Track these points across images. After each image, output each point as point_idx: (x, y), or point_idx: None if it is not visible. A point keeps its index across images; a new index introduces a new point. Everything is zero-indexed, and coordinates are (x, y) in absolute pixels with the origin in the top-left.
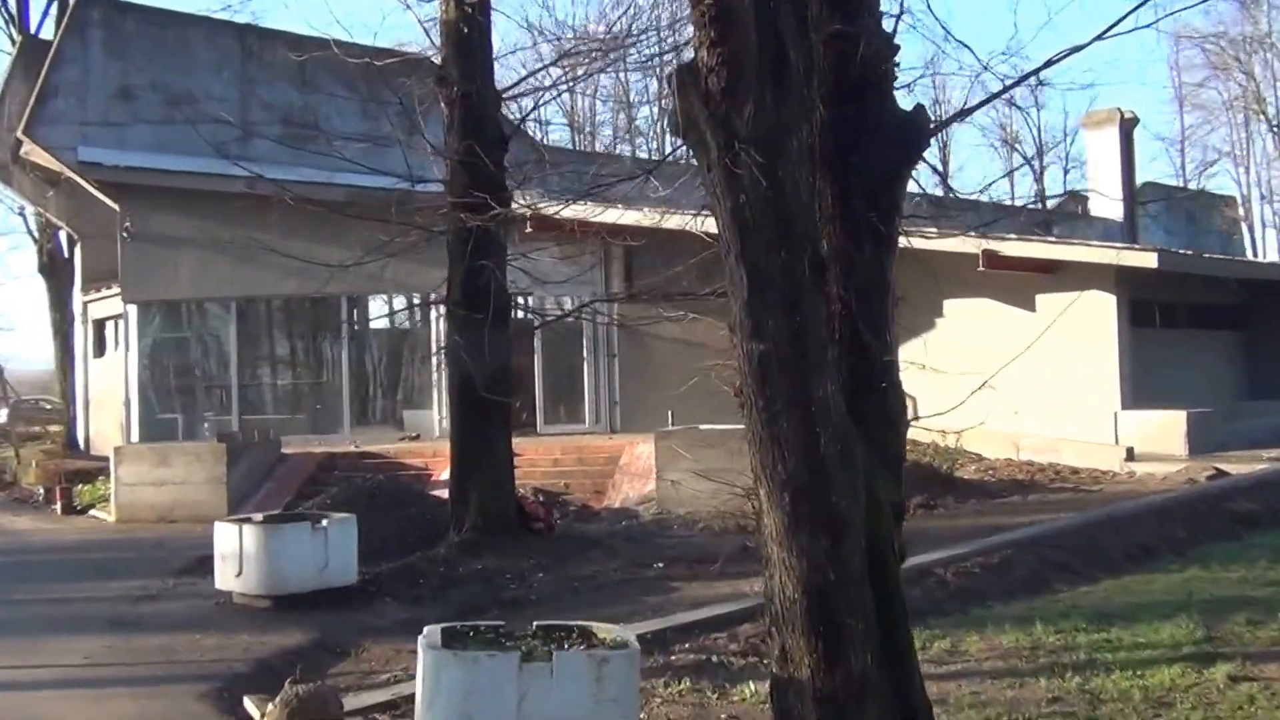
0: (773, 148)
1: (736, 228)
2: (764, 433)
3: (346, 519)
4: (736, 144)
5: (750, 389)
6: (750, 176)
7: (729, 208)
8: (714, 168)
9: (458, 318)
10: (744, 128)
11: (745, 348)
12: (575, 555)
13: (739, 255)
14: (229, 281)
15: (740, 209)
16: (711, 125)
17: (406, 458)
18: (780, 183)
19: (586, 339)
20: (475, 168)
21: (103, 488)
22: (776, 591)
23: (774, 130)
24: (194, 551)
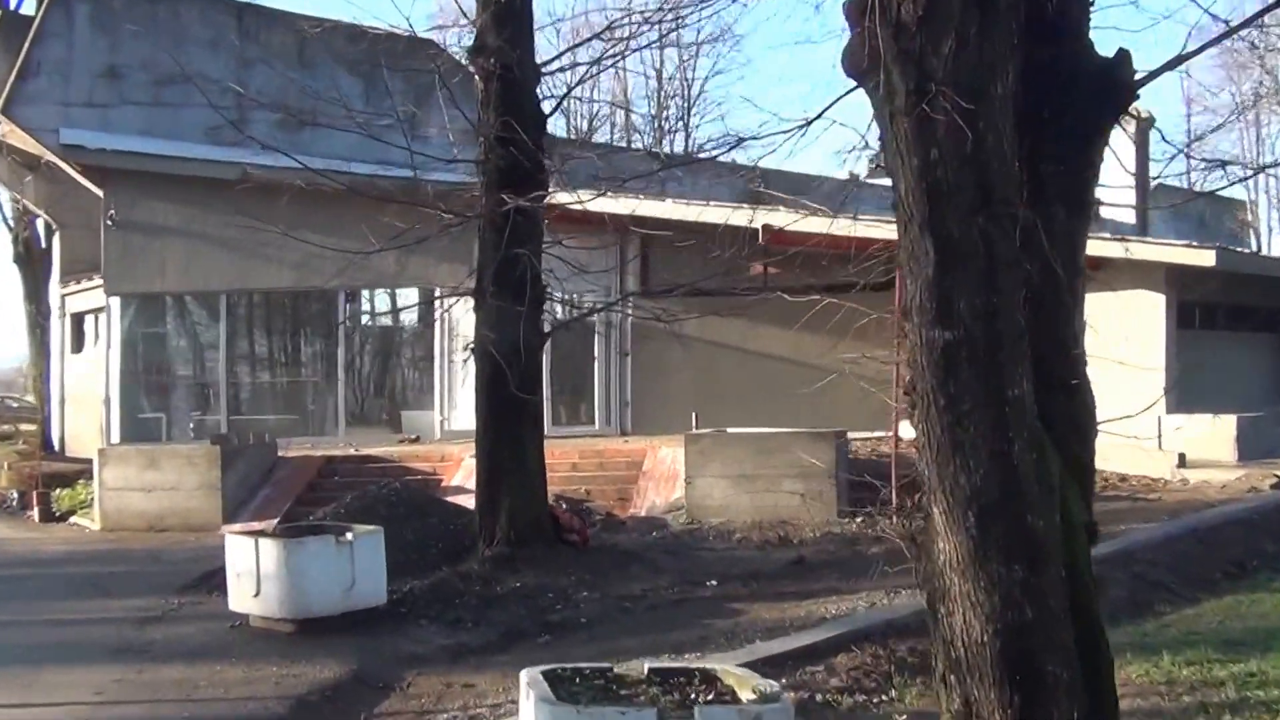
0: (975, 92)
1: (925, 188)
2: (944, 438)
3: (374, 532)
4: (932, 86)
5: (929, 385)
6: (947, 127)
7: (916, 165)
8: (899, 115)
9: (489, 310)
10: (941, 67)
11: (926, 335)
12: (616, 570)
13: (925, 223)
14: (218, 274)
15: (931, 166)
16: (901, 63)
17: (412, 461)
18: (982, 136)
19: (598, 337)
20: (513, 147)
21: (83, 492)
22: (958, 632)
23: (977, 71)
24: (194, 565)
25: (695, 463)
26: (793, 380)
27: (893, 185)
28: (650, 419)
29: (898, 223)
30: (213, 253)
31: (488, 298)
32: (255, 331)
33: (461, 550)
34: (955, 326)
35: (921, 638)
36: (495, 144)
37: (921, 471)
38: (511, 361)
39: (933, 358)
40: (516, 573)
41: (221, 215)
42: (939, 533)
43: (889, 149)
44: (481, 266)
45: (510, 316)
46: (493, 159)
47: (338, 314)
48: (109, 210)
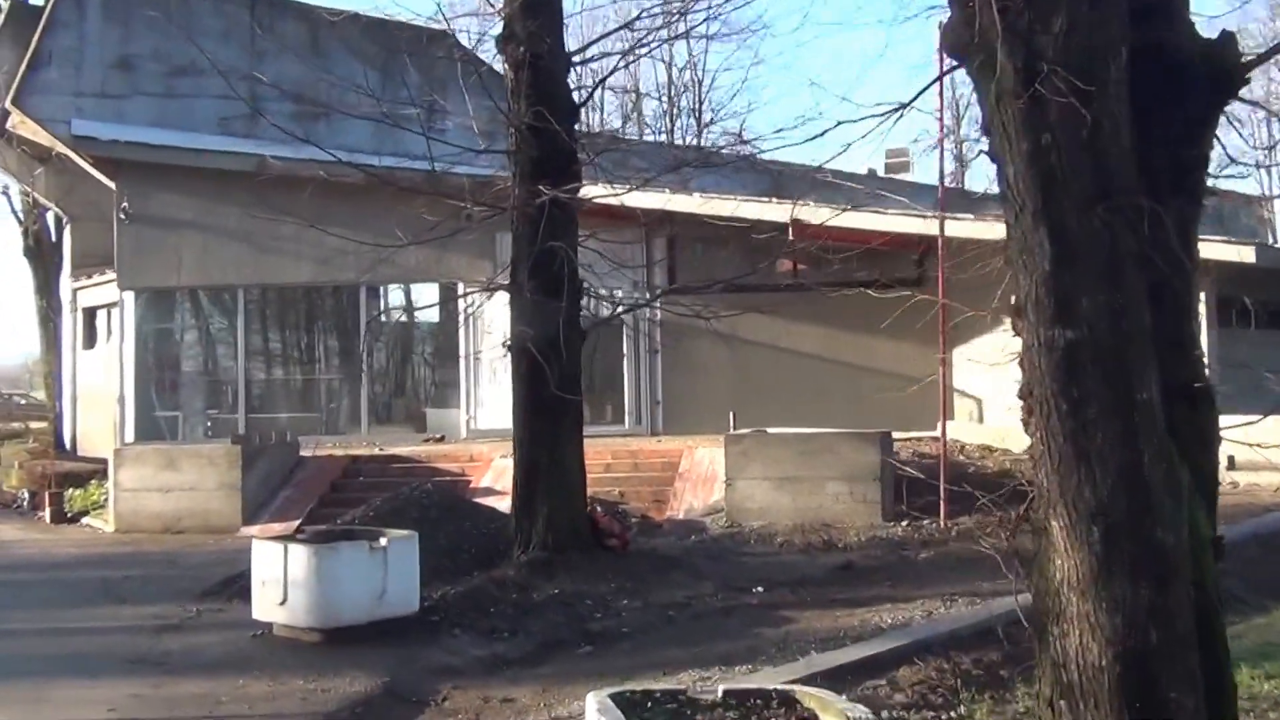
0: (1088, 74)
1: (1037, 176)
2: (1067, 447)
3: (408, 538)
4: (1043, 66)
5: (1048, 389)
6: (1060, 110)
7: (1027, 150)
8: (1006, 96)
9: (525, 305)
10: (1051, 45)
11: (1044, 335)
12: (657, 577)
13: (1038, 212)
14: (234, 268)
15: (1043, 152)
16: (1009, 41)
17: (439, 462)
18: (1098, 120)
19: (627, 334)
20: (546, 137)
21: (97, 493)
22: (1073, 655)
23: (1089, 51)
24: (213, 569)
25: (736, 464)
26: (826, 378)
27: (998, 173)
28: (681, 418)
29: (1005, 213)
30: (228, 246)
31: (525, 292)
32: (273, 327)
33: (495, 555)
34: (1077, 325)
35: (986, 650)
36: (527, 134)
37: (1040, 483)
38: (550, 358)
39: (1053, 359)
40: (554, 579)
41: (237, 208)
42: (1057, 548)
43: (995, 133)
44: (516, 260)
45: (549, 312)
46: (525, 149)
47: (359, 310)
48: (121, 203)
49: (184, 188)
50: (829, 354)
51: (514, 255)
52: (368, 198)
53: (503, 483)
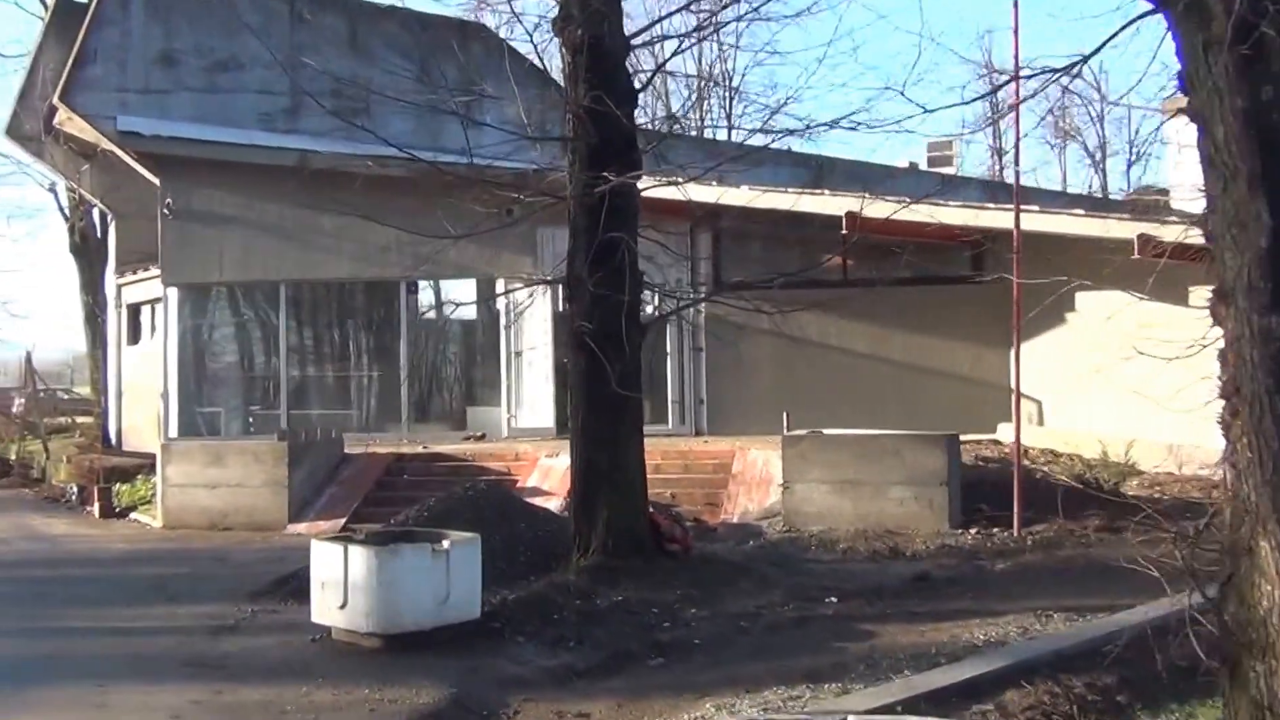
0: None
1: (1255, 137)
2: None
3: (470, 540)
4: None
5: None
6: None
7: (1242, 107)
8: (1217, 47)
9: (585, 298)
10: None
11: (1258, 323)
12: (723, 584)
13: (1255, 179)
14: (276, 264)
15: (1264, 109)
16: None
17: (485, 461)
18: None
19: (670, 332)
20: (605, 123)
21: (144, 488)
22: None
23: None
24: (263, 568)
25: (794, 467)
26: (876, 378)
27: (1200, 136)
28: (726, 418)
29: (1208, 181)
30: (270, 242)
31: (584, 285)
32: (314, 323)
33: (551, 559)
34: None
35: (1097, 672)
36: (586, 120)
37: (1244, 495)
38: (611, 354)
39: (1269, 351)
40: (616, 585)
41: (279, 203)
42: (1266, 573)
43: (1198, 89)
44: (573, 252)
45: (610, 305)
46: (583, 136)
47: (399, 306)
48: (165, 199)
49: (226, 183)
50: (879, 352)
51: (571, 247)
52: (410, 193)
53: (549, 483)
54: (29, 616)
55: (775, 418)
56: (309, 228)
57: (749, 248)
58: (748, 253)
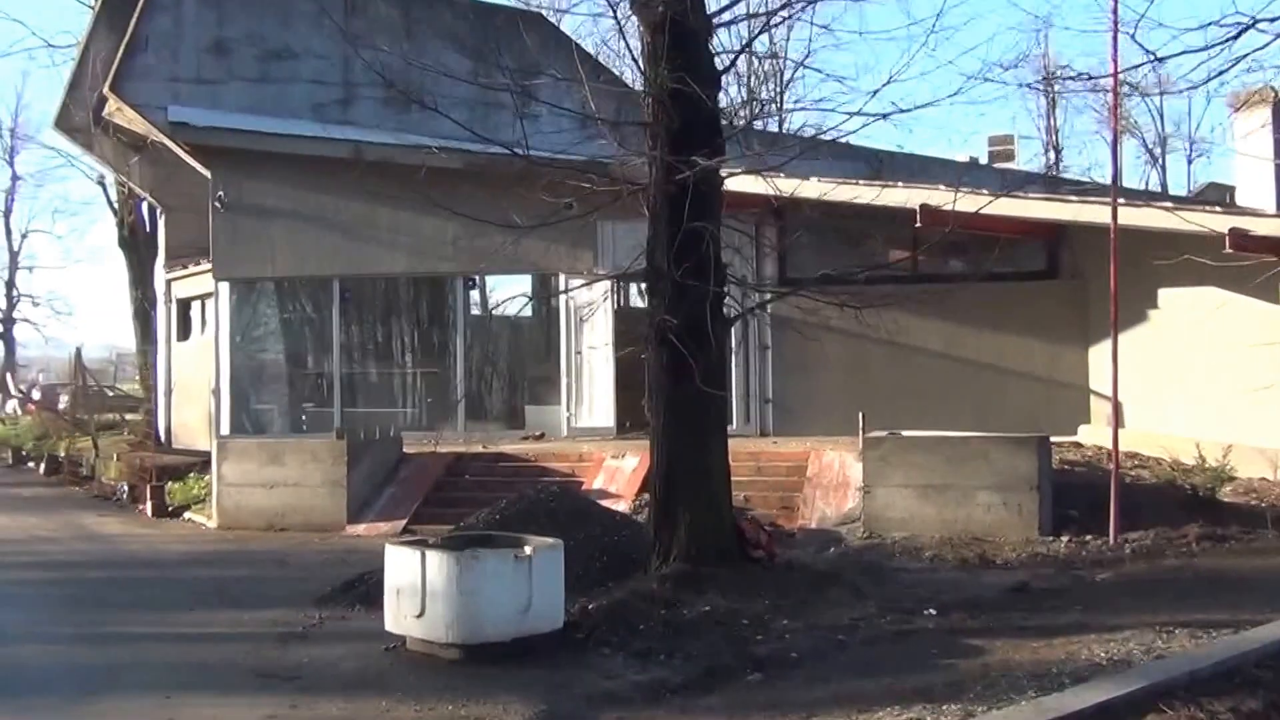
0: None
1: None
2: None
3: (553, 546)
4: None
5: None
6: None
7: None
8: None
9: (665, 292)
10: None
11: None
12: (811, 594)
13: None
14: (330, 258)
15: None
16: None
17: (547, 461)
18: None
19: (735, 329)
20: (688, 106)
21: (196, 486)
22: None
23: None
24: (325, 571)
25: (875, 470)
26: (948, 377)
27: None
28: (794, 418)
29: None
30: (324, 236)
31: (665, 278)
32: (367, 319)
33: (628, 565)
34: None
35: (1240, 695)
36: (668, 103)
37: None
38: (695, 350)
39: None
40: (702, 594)
41: (333, 196)
42: None
43: None
44: (653, 243)
45: (695, 299)
46: (664, 120)
47: (455, 302)
48: (217, 192)
49: (279, 175)
50: (950, 351)
51: (651, 237)
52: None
53: (616, 484)
54: (89, 621)
55: (844, 418)
56: (363, 221)
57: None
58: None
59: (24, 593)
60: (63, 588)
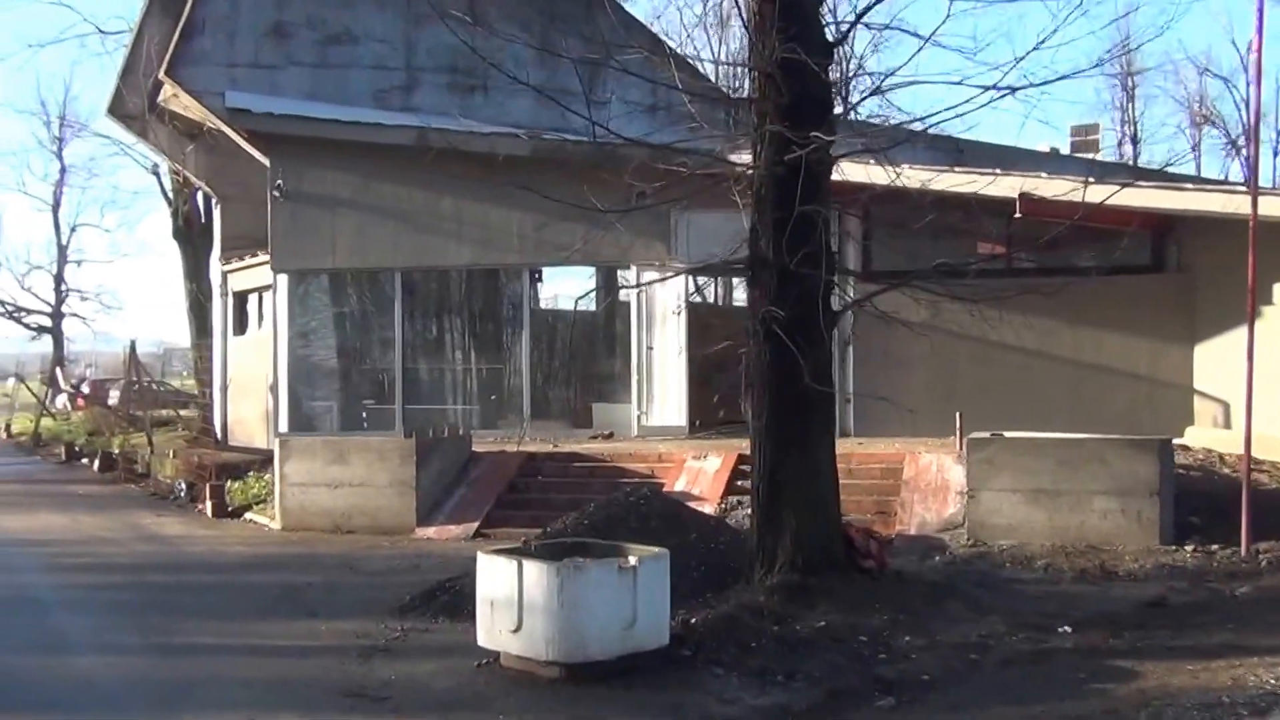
0: None
1: None
2: None
3: (658, 556)
4: None
5: None
6: None
7: None
8: None
9: (770, 282)
10: None
11: None
12: (928, 607)
13: None
14: (392, 249)
15: None
16: None
17: (624, 461)
18: None
19: None
20: (798, 81)
21: (256, 485)
22: None
23: None
24: (398, 577)
25: (981, 473)
26: (1042, 376)
27: None
28: (876, 418)
29: None
30: (386, 227)
31: (770, 267)
32: (430, 313)
33: (726, 574)
34: None
35: None
36: (778, 74)
37: None
38: (803, 345)
39: None
40: (813, 607)
41: (395, 185)
42: None
43: None
44: (757, 229)
45: (805, 289)
46: (772, 96)
47: (521, 295)
48: (275, 180)
49: (340, 163)
50: (1045, 349)
51: (753, 223)
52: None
53: (700, 486)
54: (158, 630)
55: (929, 418)
56: (427, 211)
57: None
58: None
59: (87, 598)
60: (126, 593)
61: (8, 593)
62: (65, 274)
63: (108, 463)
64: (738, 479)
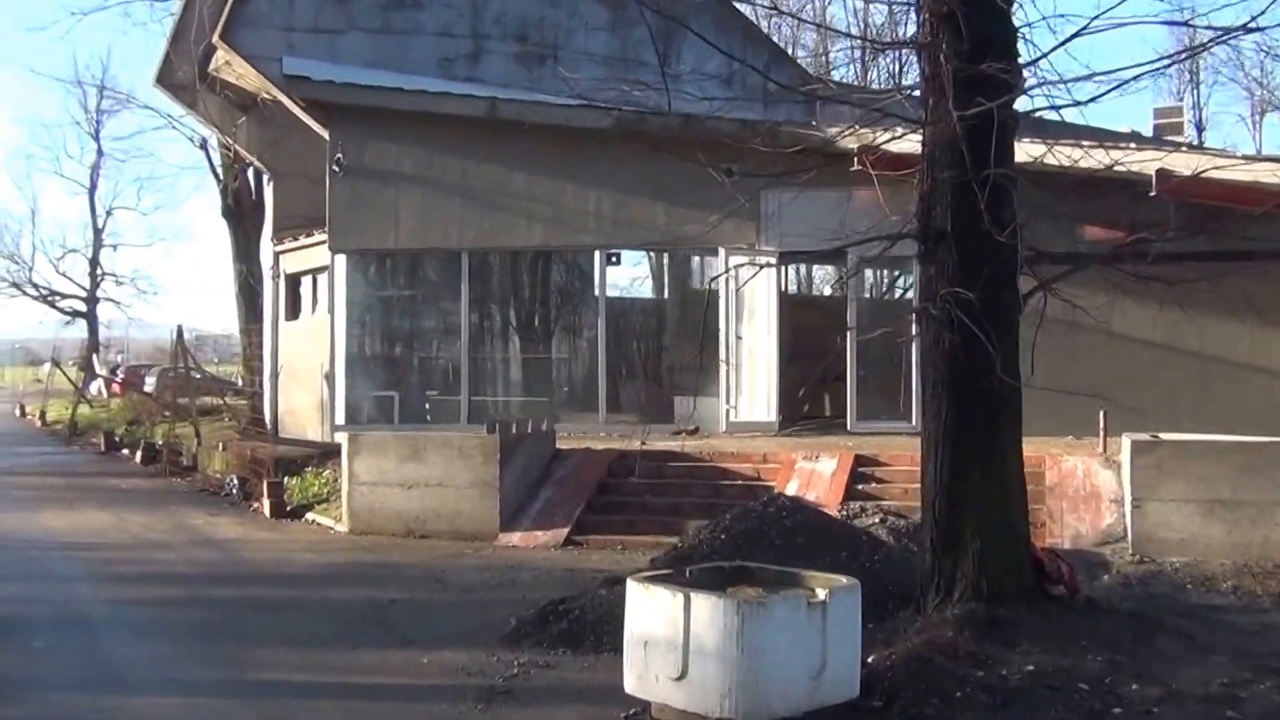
0: None
1: None
2: None
3: (849, 589)
4: None
5: None
6: None
7: None
8: None
9: (949, 259)
10: None
11: None
12: (1139, 645)
13: None
14: (459, 229)
15: None
16: None
17: (726, 462)
18: None
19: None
20: (979, 22)
21: (316, 482)
22: None
23: None
24: (494, 594)
25: (1147, 480)
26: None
27: None
28: None
29: None
30: (453, 204)
31: (948, 242)
32: (499, 298)
33: (886, 600)
34: None
35: None
36: (959, 14)
37: None
38: (991, 332)
39: None
40: (1012, 646)
41: (463, 160)
42: None
43: None
44: (928, 200)
45: (996, 265)
46: (950, 39)
47: (597, 279)
48: (335, 154)
49: (404, 136)
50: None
51: (924, 193)
52: (613, 148)
53: (816, 491)
54: (231, 661)
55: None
56: (496, 188)
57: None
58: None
59: (143, 617)
60: (188, 610)
61: (54, 609)
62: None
63: (151, 454)
64: (856, 482)
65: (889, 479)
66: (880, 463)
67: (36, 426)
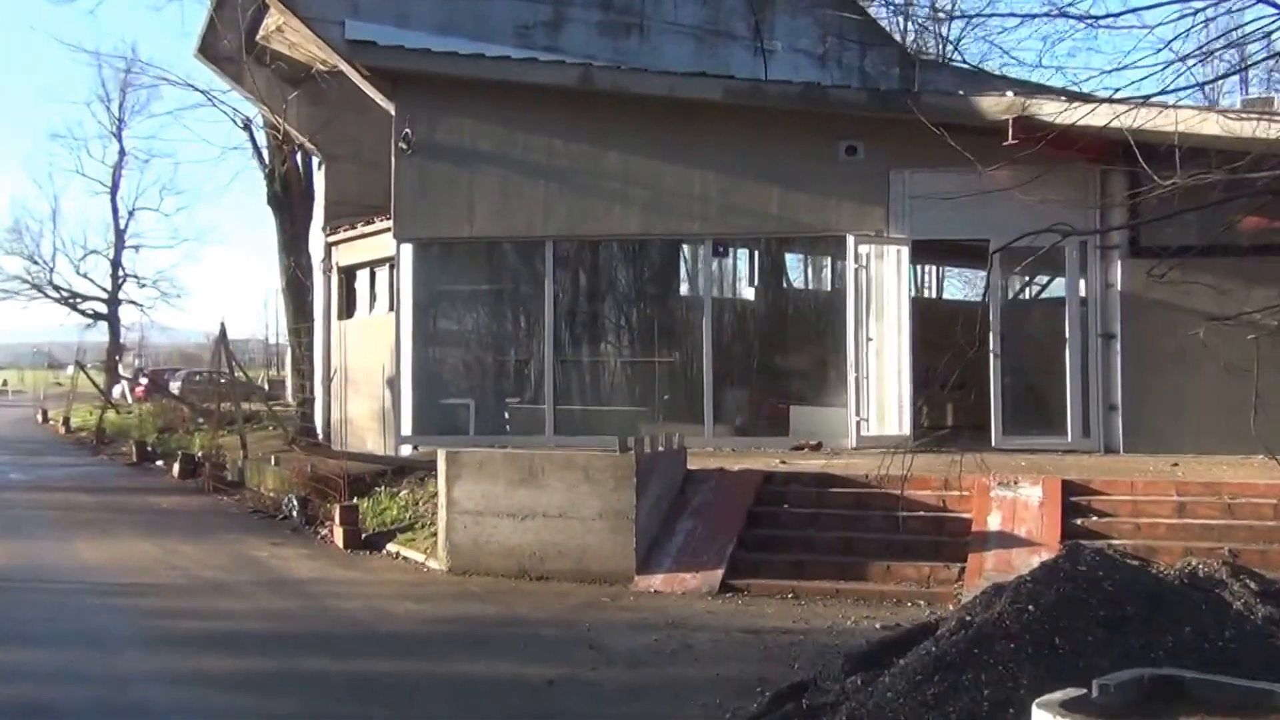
0: None
1: None
2: None
3: None
4: None
5: None
6: None
7: None
8: None
9: None
10: None
11: None
12: None
13: None
14: (543, 215)
15: None
16: None
17: (894, 486)
18: None
19: (1068, 312)
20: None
21: (391, 505)
22: None
23: None
24: (663, 663)
25: None
26: None
27: None
28: (1149, 430)
29: None
30: (536, 187)
31: None
32: (589, 293)
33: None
34: None
35: None
36: None
37: None
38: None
39: None
40: None
41: (548, 137)
42: None
43: None
44: None
45: None
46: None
47: (702, 272)
48: (404, 130)
49: (481, 110)
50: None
51: None
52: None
53: (1025, 527)
54: None
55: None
56: (586, 169)
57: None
58: None
59: (225, 709)
60: (280, 699)
61: (98, 693)
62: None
63: (190, 467)
64: (1072, 515)
65: (1110, 511)
66: (1094, 490)
67: (60, 433)
